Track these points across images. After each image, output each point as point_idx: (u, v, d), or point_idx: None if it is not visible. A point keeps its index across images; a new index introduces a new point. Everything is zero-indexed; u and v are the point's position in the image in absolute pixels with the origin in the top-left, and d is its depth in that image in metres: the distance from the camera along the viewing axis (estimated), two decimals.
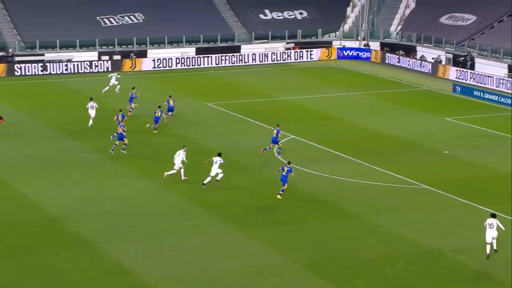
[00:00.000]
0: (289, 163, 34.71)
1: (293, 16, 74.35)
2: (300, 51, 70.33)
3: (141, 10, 70.72)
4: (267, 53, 69.43)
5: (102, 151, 40.63)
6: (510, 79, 56.65)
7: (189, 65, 66.27)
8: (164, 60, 66.20)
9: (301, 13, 74.62)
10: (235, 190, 35.70)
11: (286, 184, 33.94)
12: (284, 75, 64.09)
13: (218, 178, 35.39)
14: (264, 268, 27.50)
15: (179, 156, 36.02)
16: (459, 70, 60.63)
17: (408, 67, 65.34)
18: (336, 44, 72.11)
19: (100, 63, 64.54)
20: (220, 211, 32.80)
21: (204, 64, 66.73)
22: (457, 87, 56.64)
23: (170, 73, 64.53)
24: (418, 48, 67.90)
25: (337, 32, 73.58)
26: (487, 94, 54.36)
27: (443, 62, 64.38)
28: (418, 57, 66.50)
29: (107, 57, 65.72)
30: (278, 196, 34.09)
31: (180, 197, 34.40)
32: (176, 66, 66.33)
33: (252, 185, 36.34)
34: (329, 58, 70.22)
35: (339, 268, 27.63)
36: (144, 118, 46.24)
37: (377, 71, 64.72)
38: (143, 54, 66.92)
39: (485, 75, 58.24)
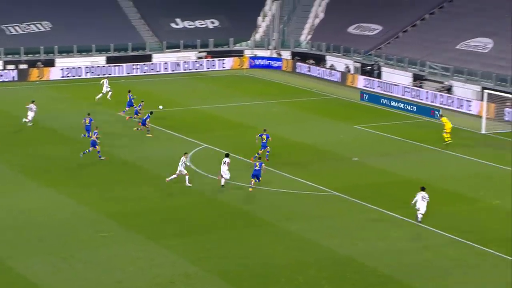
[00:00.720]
0: (259, 158, 37.88)
1: (205, 25, 74.48)
2: (212, 60, 70.49)
3: (49, 18, 69.37)
4: (179, 62, 69.30)
5: (7, 162, 39.66)
6: (415, 87, 58.37)
7: (99, 74, 65.36)
8: (73, 69, 65.16)
9: (212, 22, 74.82)
10: (146, 200, 35.43)
11: (260, 178, 36.16)
12: (196, 84, 64.08)
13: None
14: (177, 278, 27.38)
15: (180, 163, 36.39)
16: (367, 78, 62.05)
17: (318, 76, 66.39)
18: (248, 53, 72.62)
19: (6, 73, 63.02)
20: (131, 222, 32.47)
21: (115, 73, 65.98)
22: (364, 95, 57.90)
23: (79, 82, 63.52)
24: (327, 57, 69.10)
25: (249, 41, 74.09)
26: (393, 102, 55.79)
27: (352, 71, 65.75)
28: (327, 66, 67.70)
29: (13, 66, 64.20)
30: (250, 189, 36.26)
31: (90, 209, 33.87)
32: (86, 75, 65.35)
33: (164, 195, 36.15)
34: (241, 67, 70.63)
35: (252, 276, 27.77)
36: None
37: (288, 80, 65.50)
38: (50, 63, 65.68)
39: (391, 84, 59.81)
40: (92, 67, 65.95)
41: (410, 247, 30.42)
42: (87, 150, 40.60)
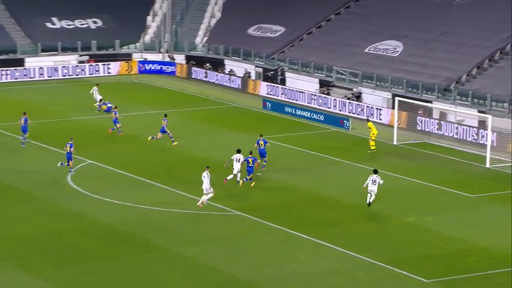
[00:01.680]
0: (250, 152, 39.90)
1: (86, 25, 73.60)
2: (96, 65, 69.73)
3: None
4: (57, 67, 68.17)
5: None
6: (322, 95, 59.39)
7: None
8: None
9: (95, 22, 73.99)
10: (21, 224, 34.60)
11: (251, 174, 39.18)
12: (77, 91, 63.11)
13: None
14: None
15: (205, 179, 36.47)
16: (270, 85, 62.74)
17: (216, 82, 66.66)
18: (137, 57, 72.20)
19: None
20: (3, 251, 31.62)
21: None
22: (267, 103, 58.49)
23: None
24: (226, 61, 69.52)
25: (137, 44, 73.70)
26: (299, 111, 56.59)
27: (253, 77, 66.37)
28: (226, 72, 68.07)
29: None
30: (241, 183, 39.38)
31: None
32: None
33: (40, 218, 35.39)
34: (129, 72, 70.12)
35: None
36: None
37: (183, 87, 65.43)
38: None
39: (296, 91, 60.67)
40: None
41: (319, 270, 30.83)
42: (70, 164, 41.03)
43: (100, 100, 56.31)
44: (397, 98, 51.93)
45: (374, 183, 36.60)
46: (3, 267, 30.09)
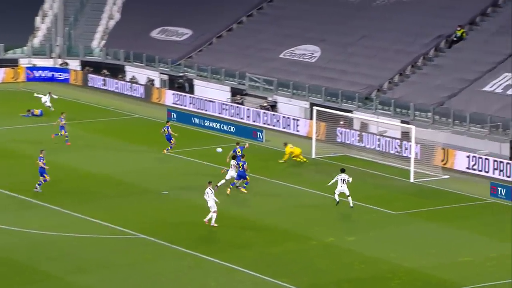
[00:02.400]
0: (243, 156, 42.21)
1: None
2: None
3: None
4: None
5: None
6: (234, 104, 59.56)
7: None
8: None
9: None
10: None
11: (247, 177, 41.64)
12: None
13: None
14: None
15: (210, 195, 37.27)
16: (177, 94, 62.58)
17: (116, 90, 66.12)
18: (24, 62, 71.08)
19: None
20: None
21: None
22: (172, 113, 58.36)
23: None
24: (127, 67, 69.03)
25: (25, 48, 72.61)
26: (208, 122, 56.64)
27: (157, 85, 66.08)
28: (127, 79, 67.61)
29: None
30: (244, 190, 41.86)
31: None
32: None
33: None
34: (15, 80, 68.96)
35: None
36: None
37: (78, 96, 64.67)
38: None
39: (205, 100, 60.66)
40: None
41: None
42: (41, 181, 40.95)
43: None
44: (315, 108, 52.45)
45: (344, 182, 39.60)
46: None
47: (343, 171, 40.15)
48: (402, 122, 52.37)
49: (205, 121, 56.87)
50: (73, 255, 34.35)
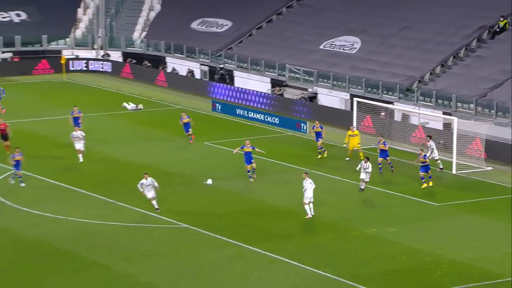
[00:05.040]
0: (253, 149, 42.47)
1: (9, 19, 73.00)
2: (21, 63, 69.08)
3: None
4: None
5: None
6: (275, 95, 59.66)
7: None
8: None
9: (18, 15, 73.42)
10: None
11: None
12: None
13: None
14: None
15: (311, 184, 37.57)
16: (218, 85, 62.81)
17: (157, 82, 66.48)
18: (67, 53, 71.67)
19: None
20: None
21: None
22: (217, 105, 58.63)
23: None
24: (168, 59, 69.46)
25: (67, 39, 73.22)
26: (252, 113, 56.80)
27: (198, 76, 66.41)
28: (168, 70, 68.00)
29: None
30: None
31: None
32: None
33: None
34: (58, 71, 69.60)
35: None
36: None
37: (120, 87, 65.17)
38: None
39: (247, 91, 60.80)
40: None
41: None
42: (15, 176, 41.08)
43: None
44: (355, 99, 52.41)
45: (365, 170, 40.99)
46: None
47: (367, 159, 41.15)
48: (444, 113, 52.15)
49: (249, 112, 56.99)
50: (118, 244, 34.75)
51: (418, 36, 60.27)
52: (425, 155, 42.95)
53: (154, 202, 37.81)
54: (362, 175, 41.03)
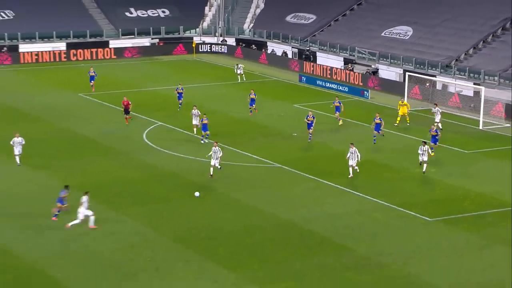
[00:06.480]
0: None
1: (157, 14, 73.63)
2: (165, 46, 69.70)
3: (11, 7, 67.94)
4: (134, 48, 68.32)
5: None
6: (346, 70, 58.86)
7: (60, 59, 64.31)
8: (36, 54, 63.93)
9: (163, 12, 74.09)
10: (106, 173, 35.03)
11: None
12: (150, 68, 63.32)
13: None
14: (136, 243, 27.26)
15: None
16: (305, 63, 62.20)
17: (260, 61, 66.20)
18: (197, 39, 72.05)
19: None
20: (93, 193, 32.07)
21: (75, 58, 64.97)
22: (302, 77, 58.16)
23: (42, 66, 62.23)
24: (268, 43, 69.09)
25: (197, 29, 73.55)
26: (328, 83, 56.20)
27: (290, 56, 65.88)
28: (269, 51, 67.65)
29: None
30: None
31: (53, 182, 33.31)
32: (49, 60, 64.17)
33: (122, 168, 35.79)
34: (190, 52, 70.01)
35: (204, 239, 27.81)
36: None
37: (234, 64, 65.11)
38: (14, 49, 64.18)
39: (325, 67, 60.14)
40: (54, 52, 64.84)
41: (344, 211, 30.83)
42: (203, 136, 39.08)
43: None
44: (407, 73, 51.38)
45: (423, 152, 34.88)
46: (96, 203, 30.51)
47: (424, 143, 35.54)
48: (474, 84, 50.61)
49: (326, 83, 56.40)
50: (231, 178, 34.44)
51: (456, 26, 58.64)
52: (436, 130, 38.76)
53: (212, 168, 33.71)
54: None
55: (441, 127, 42.47)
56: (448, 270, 25.54)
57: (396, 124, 44.52)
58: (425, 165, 34.91)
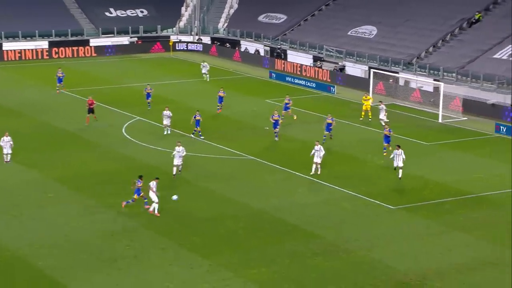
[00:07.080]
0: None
1: (135, 14, 72.96)
2: (143, 44, 69.10)
3: None
4: (113, 46, 67.63)
5: None
6: (314, 67, 58.85)
7: (43, 57, 63.45)
8: (19, 52, 62.98)
9: (142, 12, 73.47)
10: (86, 165, 34.62)
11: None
12: (129, 65, 62.73)
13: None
14: (116, 231, 26.99)
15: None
16: (276, 60, 62.00)
17: (234, 58, 65.93)
18: (173, 38, 71.56)
19: None
20: (74, 184, 31.72)
21: (57, 56, 64.15)
22: (272, 73, 58.04)
23: (25, 64, 61.36)
24: (242, 42, 68.82)
25: (174, 28, 73.04)
26: (296, 79, 56.17)
27: (262, 54, 65.70)
28: (242, 50, 67.39)
29: None
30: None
31: (34, 174, 32.83)
32: (32, 57, 63.27)
33: (101, 161, 35.41)
34: (167, 50, 69.49)
35: (180, 227, 27.64)
36: None
37: (209, 62, 64.74)
38: None
39: (295, 64, 60.08)
40: (36, 50, 63.97)
41: (313, 201, 30.86)
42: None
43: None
44: (372, 70, 51.52)
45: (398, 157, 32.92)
46: (77, 194, 30.20)
47: (398, 146, 33.50)
48: (434, 80, 50.94)
49: (295, 79, 56.36)
50: (204, 168, 34.65)
51: (417, 25, 58.86)
52: (389, 129, 36.90)
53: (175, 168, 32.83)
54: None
55: (387, 120, 42.49)
56: (409, 255, 25.69)
57: (361, 119, 44.60)
58: (400, 170, 32.83)
